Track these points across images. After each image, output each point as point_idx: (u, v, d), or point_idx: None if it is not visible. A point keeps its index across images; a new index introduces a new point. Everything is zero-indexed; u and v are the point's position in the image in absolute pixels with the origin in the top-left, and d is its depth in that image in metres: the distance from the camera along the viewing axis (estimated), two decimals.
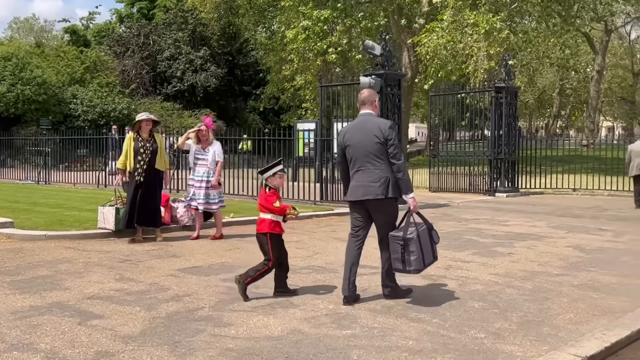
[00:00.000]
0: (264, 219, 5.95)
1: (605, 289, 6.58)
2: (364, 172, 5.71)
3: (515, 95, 17.39)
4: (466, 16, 21.38)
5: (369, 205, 5.79)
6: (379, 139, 5.64)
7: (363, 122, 5.85)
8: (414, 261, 5.64)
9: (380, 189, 5.66)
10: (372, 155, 5.67)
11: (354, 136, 5.81)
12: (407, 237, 5.65)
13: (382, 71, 13.26)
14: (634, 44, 58.77)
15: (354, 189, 5.82)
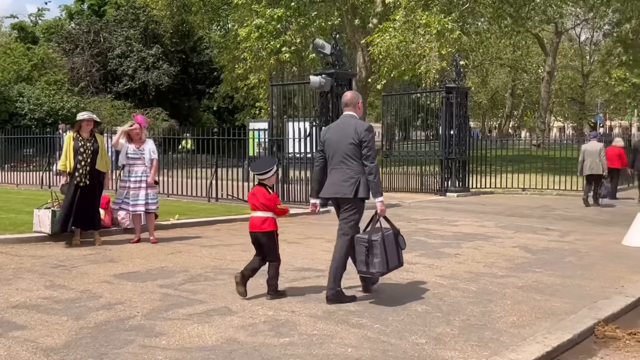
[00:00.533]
0: (267, 218, 5.95)
1: (548, 290, 6.56)
2: (338, 171, 5.89)
3: (465, 95, 17.49)
4: (418, 16, 21.42)
5: (340, 202, 5.99)
6: (354, 140, 5.80)
7: (342, 122, 6.07)
8: (378, 264, 5.74)
9: (349, 188, 5.82)
10: (346, 155, 5.83)
11: (332, 136, 6.00)
12: (372, 240, 5.76)
13: (333, 70, 13.12)
14: (584, 46, 60.12)
15: (327, 187, 6.00)
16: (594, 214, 13.59)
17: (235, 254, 8.32)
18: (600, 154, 14.78)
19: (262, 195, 5.95)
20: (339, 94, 13.26)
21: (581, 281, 7.01)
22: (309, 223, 11.46)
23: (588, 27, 52.49)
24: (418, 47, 21.45)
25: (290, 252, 8.44)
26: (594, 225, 11.66)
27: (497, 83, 64.41)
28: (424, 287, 6.64)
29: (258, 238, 6.03)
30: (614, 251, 8.92)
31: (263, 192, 5.98)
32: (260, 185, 6.03)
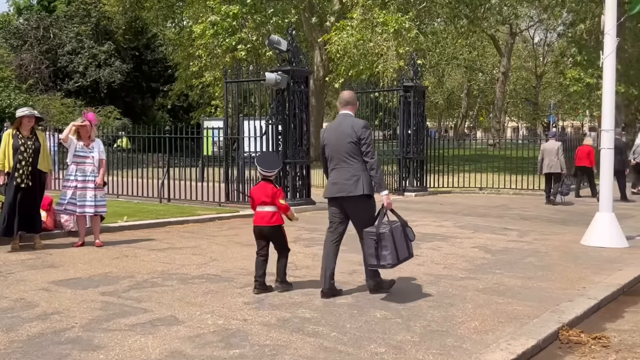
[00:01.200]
0: (275, 212, 6.13)
1: (510, 293, 6.36)
2: (339, 170, 5.95)
3: (423, 94, 17.37)
4: (376, 15, 21.29)
5: (344, 203, 6.00)
6: (352, 138, 5.87)
7: (340, 122, 6.09)
8: (388, 256, 5.79)
9: (353, 186, 5.88)
10: (345, 153, 5.91)
11: (330, 135, 6.05)
12: (380, 233, 5.79)
13: (289, 67, 12.79)
14: (537, 47, 61.12)
15: (330, 187, 6.05)
16: (551, 213, 13.58)
17: (186, 257, 7.92)
18: (558, 152, 14.94)
19: (270, 189, 6.11)
20: (296, 91, 12.97)
21: (542, 283, 6.85)
22: None
23: (542, 28, 53.35)
24: (376, 46, 21.33)
25: (245, 256, 8.10)
26: (551, 225, 11.61)
27: (453, 83, 65.02)
28: (383, 291, 6.36)
29: (264, 232, 6.16)
30: (573, 251, 8.83)
31: (270, 186, 6.14)
32: (266, 181, 6.17)
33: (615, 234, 9.25)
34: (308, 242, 9.29)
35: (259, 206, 6.16)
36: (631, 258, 8.32)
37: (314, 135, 31.19)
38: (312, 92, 31.49)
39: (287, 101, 12.81)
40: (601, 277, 7.15)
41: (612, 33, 9.25)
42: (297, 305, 5.72)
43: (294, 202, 12.81)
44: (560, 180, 15.09)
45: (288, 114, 12.78)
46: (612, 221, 9.30)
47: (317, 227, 10.80)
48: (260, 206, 6.15)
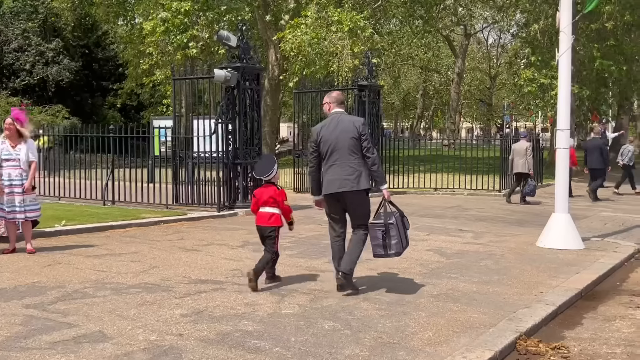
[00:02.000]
0: (274, 214, 6.34)
1: (465, 299, 6.07)
2: (339, 166, 6.07)
3: (378, 93, 17.10)
4: (330, 13, 20.94)
5: (344, 198, 6.14)
6: (354, 134, 6.05)
7: (338, 119, 6.22)
8: (395, 245, 6.08)
9: (355, 181, 6.05)
10: (347, 149, 6.06)
11: (328, 133, 6.16)
12: (389, 223, 6.06)
13: (239, 64, 12.32)
14: (491, 49, 61.84)
15: (330, 183, 6.15)
16: (507, 213, 13.45)
17: (123, 264, 7.40)
18: (527, 152, 15.07)
19: (272, 191, 6.35)
20: (246, 89, 12.52)
21: (498, 287, 6.58)
22: (213, 228, 10.63)
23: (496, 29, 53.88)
24: (330, 45, 20.96)
25: (188, 262, 7.63)
26: (507, 226, 11.44)
27: (409, 84, 65.25)
28: (332, 298, 6.00)
29: (263, 231, 6.40)
30: (529, 253, 8.62)
31: (272, 188, 6.38)
32: (269, 183, 6.41)
33: (571, 235, 9.08)
34: (257, 246, 8.79)
35: (262, 207, 6.39)
36: (587, 260, 8.14)
37: (268, 135, 30.84)
38: (267, 91, 31.13)
39: (238, 99, 12.35)
40: (558, 281, 6.92)
41: (567, 31, 9.09)
42: (240, 317, 5.31)
43: (244, 204, 12.36)
44: (526, 180, 15.14)
45: (238, 113, 12.32)
46: (568, 222, 9.13)
47: None
48: (262, 207, 6.38)
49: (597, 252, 8.69)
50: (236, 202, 12.41)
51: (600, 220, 12.36)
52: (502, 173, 17.59)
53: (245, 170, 12.54)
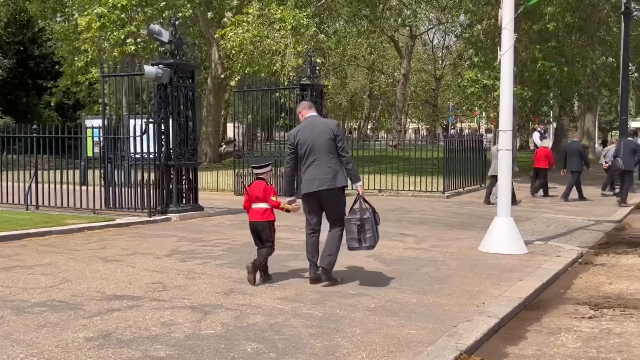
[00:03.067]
0: (267, 209, 6.59)
1: (403, 312, 5.65)
2: (317, 166, 6.46)
3: (321, 93, 16.64)
4: (273, 11, 20.43)
5: (322, 195, 6.53)
6: (330, 135, 6.47)
7: (313, 122, 6.65)
8: (369, 239, 6.48)
9: (332, 180, 6.46)
10: (324, 150, 6.46)
11: (305, 135, 6.53)
12: (364, 218, 6.46)
13: (172, 60, 11.67)
14: (437, 50, 62.36)
15: (309, 183, 6.52)
16: (450, 216, 13.18)
17: (32, 278, 6.71)
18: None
19: (263, 186, 6.59)
20: (180, 87, 11.89)
21: (439, 298, 6.19)
22: (142, 235, 9.96)
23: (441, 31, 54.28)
24: (273, 43, 20.46)
25: (105, 274, 6.99)
26: (449, 229, 11.13)
27: (356, 84, 65.22)
28: (259, 315, 5.49)
29: (258, 227, 6.62)
30: (471, 259, 8.29)
31: (263, 184, 6.62)
32: (260, 179, 6.68)
33: (514, 239, 8.81)
34: (185, 255, 8.26)
35: (254, 203, 6.62)
36: (531, 266, 7.86)
37: (212, 135, 30.13)
38: (210, 90, 30.41)
39: (171, 97, 11.70)
40: (501, 290, 6.58)
41: (509, 28, 8.82)
42: (153, 340, 4.74)
43: (178, 209, 11.73)
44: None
45: (172, 112, 11.67)
46: (511, 226, 8.86)
47: (201, 236, 9.81)
48: (255, 203, 6.62)
49: (541, 257, 8.43)
50: (169, 207, 11.75)
51: (544, 222, 12.21)
52: (445, 174, 17.41)
53: (179, 172, 11.89)
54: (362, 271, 7.42)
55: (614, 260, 8.74)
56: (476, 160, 19.44)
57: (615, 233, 11.46)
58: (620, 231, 11.79)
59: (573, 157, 16.60)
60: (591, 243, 10.09)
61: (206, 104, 30.20)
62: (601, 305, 6.29)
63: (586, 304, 6.35)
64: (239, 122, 17.89)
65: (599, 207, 15.13)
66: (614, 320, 5.77)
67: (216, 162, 28.48)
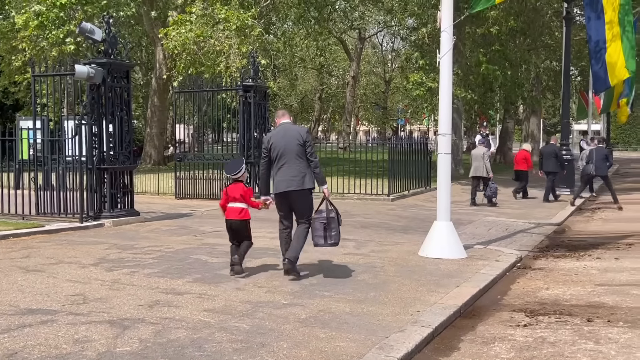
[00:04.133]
0: (244, 208, 7.18)
1: (335, 323, 5.43)
2: (287, 168, 7.06)
3: (264, 95, 16.35)
4: (217, 10, 20.04)
5: (291, 196, 7.09)
6: (300, 141, 7.09)
7: (286, 129, 7.28)
8: (334, 236, 7.09)
9: (300, 182, 7.04)
10: (294, 154, 7.07)
11: (278, 140, 7.18)
12: (330, 217, 7.09)
13: (105, 60, 11.21)
14: (386, 53, 62.73)
15: (279, 183, 7.11)
16: (392, 219, 13.06)
17: None
18: (484, 157, 15.92)
19: (241, 188, 7.19)
20: (114, 87, 11.44)
21: (373, 307, 6.00)
22: (70, 242, 9.49)
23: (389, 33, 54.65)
24: (217, 43, 20.07)
25: (23, 286, 6.57)
26: (391, 233, 11.00)
27: (306, 86, 65.08)
28: (182, 329, 5.18)
29: (234, 225, 7.21)
30: (410, 264, 8.14)
31: (241, 186, 7.23)
32: (237, 181, 7.25)
33: (454, 244, 8.72)
34: (113, 264, 7.86)
35: (231, 202, 7.18)
36: (469, 271, 7.76)
37: (156, 136, 29.45)
38: (154, 90, 29.72)
39: (104, 98, 11.25)
40: (437, 297, 6.44)
41: (448, 30, 8.73)
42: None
43: (112, 214, 11.28)
44: (486, 183, 15.90)
45: (105, 113, 11.21)
46: (450, 230, 8.76)
47: (133, 243, 9.40)
48: (232, 202, 7.17)
49: (480, 262, 8.35)
50: (103, 212, 11.28)
51: (485, 225, 12.20)
52: (390, 177, 17.35)
53: (113, 176, 11.43)
54: (297, 280, 7.16)
55: (552, 264, 8.74)
56: (421, 163, 19.44)
57: (555, 236, 11.54)
58: (560, 234, 11.87)
59: (549, 159, 17.29)
60: (531, 247, 10.10)
61: (150, 105, 29.52)
62: (537, 312, 6.20)
63: (522, 311, 6.25)
64: (180, 123, 17.46)
65: (540, 209, 15.28)
66: (548, 328, 5.67)
67: (161, 164, 27.84)
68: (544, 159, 17.55)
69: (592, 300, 6.63)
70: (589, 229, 12.59)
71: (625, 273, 8.03)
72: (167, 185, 17.52)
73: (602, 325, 5.68)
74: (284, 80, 56.78)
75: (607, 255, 9.29)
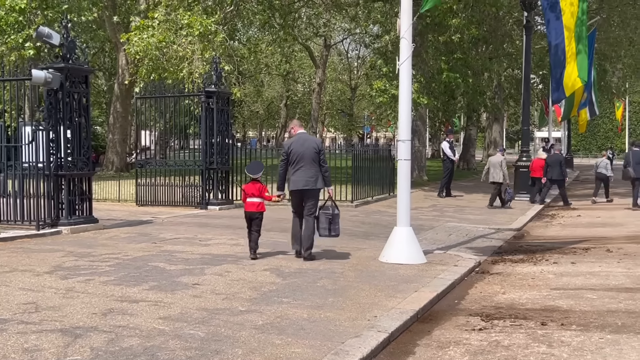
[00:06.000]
0: (261, 202, 8.68)
1: (292, 329, 5.41)
2: (304, 171, 8.56)
3: (227, 101, 16.25)
4: (180, 16, 19.89)
5: (305, 193, 8.61)
6: (316, 149, 8.63)
7: (305, 138, 8.84)
8: (336, 229, 8.73)
9: (314, 182, 8.59)
10: (310, 159, 8.57)
11: (298, 146, 8.65)
12: (335, 213, 8.70)
13: (63, 65, 11.02)
14: (352, 60, 63.05)
15: (296, 182, 8.60)
16: (355, 225, 13.08)
17: None
18: (502, 165, 17.19)
19: (258, 186, 8.69)
20: (72, 92, 11.25)
21: (331, 312, 6.00)
22: (26, 250, 9.28)
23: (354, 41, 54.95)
24: (180, 49, 19.91)
25: None
26: (353, 239, 11.01)
27: (272, 93, 65.01)
28: (136, 337, 5.10)
29: (252, 215, 8.64)
30: (370, 270, 8.17)
31: (258, 184, 8.70)
32: (255, 180, 8.71)
33: (413, 249, 8.77)
34: (69, 272, 7.71)
35: (249, 198, 8.62)
36: (427, 276, 7.81)
37: (119, 143, 29.09)
38: (117, 96, 29.40)
39: (62, 103, 11.05)
40: (395, 302, 6.47)
41: (407, 37, 8.81)
42: None
43: (70, 221, 11.07)
44: (504, 189, 17.34)
45: (62, 119, 11.02)
46: (410, 236, 8.82)
47: (90, 251, 9.24)
48: (250, 198, 8.62)
49: (439, 267, 8.41)
50: (60, 219, 11.07)
51: (446, 231, 12.32)
52: (354, 183, 17.40)
53: (71, 182, 11.22)
54: (256, 285, 7.12)
55: (509, 269, 8.85)
56: (385, 169, 19.54)
57: (514, 241, 11.70)
58: (519, 239, 12.04)
59: (555, 167, 18.48)
60: (490, 252, 10.23)
61: (113, 111, 29.18)
62: (492, 316, 6.27)
63: (478, 315, 6.32)
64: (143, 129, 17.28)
65: (501, 215, 15.49)
66: (503, 332, 5.74)
67: (123, 171, 27.47)
68: (549, 167, 18.57)
69: (547, 304, 6.73)
70: (548, 234, 12.80)
71: (581, 277, 8.18)
72: (128, 192, 17.28)
73: (556, 329, 5.77)
74: (250, 86, 56.67)
75: (563, 259, 9.45)
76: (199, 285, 7.12)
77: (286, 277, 7.66)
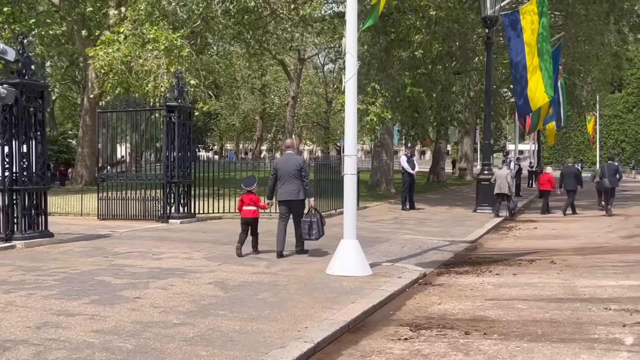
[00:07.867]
0: (255, 210, 10.47)
1: (220, 341, 5.55)
2: (288, 184, 10.20)
3: (189, 115, 16.37)
4: (146, 30, 20.01)
5: (291, 203, 10.31)
6: (297, 167, 10.21)
7: (289, 157, 10.47)
8: (315, 234, 10.06)
9: (297, 194, 10.24)
10: (293, 175, 10.19)
11: (282, 165, 10.33)
12: (312, 221, 10.07)
13: (18, 80, 11.11)
14: (328, 74, 63.47)
15: (282, 194, 10.32)
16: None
17: None
18: (508, 177, 18.60)
19: (252, 197, 10.40)
20: (28, 107, 11.33)
21: (264, 324, 6.15)
22: None
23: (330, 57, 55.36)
24: (146, 63, 20.00)
25: None
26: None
27: (248, 106, 65.20)
28: (63, 350, 5.21)
29: (249, 221, 10.41)
30: (314, 282, 8.33)
31: (252, 195, 10.40)
32: (250, 192, 10.39)
33: (359, 261, 8.95)
34: (12, 286, 7.77)
35: (245, 206, 10.38)
36: (369, 287, 8.00)
37: (88, 156, 29.00)
38: (86, 110, 29.36)
39: (17, 119, 11.12)
40: (330, 313, 6.63)
41: (352, 52, 9.04)
42: None
43: (24, 236, 11.12)
44: (509, 198, 18.54)
45: (16, 132, 11.09)
46: (355, 248, 9.00)
47: (40, 265, 9.32)
48: (246, 206, 10.38)
49: (382, 279, 8.60)
50: (14, 234, 11.10)
51: (400, 243, 12.52)
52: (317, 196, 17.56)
53: (26, 197, 11.27)
54: (197, 299, 7.25)
55: (452, 281, 9.06)
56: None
57: (464, 253, 11.92)
58: (471, 251, 12.27)
59: (569, 178, 20.24)
60: (438, 263, 10.44)
61: (82, 125, 29.13)
62: (421, 326, 6.46)
63: (408, 325, 6.50)
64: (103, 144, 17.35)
65: (459, 227, 15.74)
66: (427, 341, 5.92)
67: (92, 184, 27.38)
68: (564, 178, 20.32)
69: (476, 314, 6.94)
70: (500, 246, 13.06)
71: (518, 288, 8.41)
72: (92, 206, 17.30)
73: (477, 338, 5.97)
74: (227, 99, 56.79)
75: (506, 271, 9.69)
76: (139, 298, 7.22)
77: (229, 290, 7.79)
